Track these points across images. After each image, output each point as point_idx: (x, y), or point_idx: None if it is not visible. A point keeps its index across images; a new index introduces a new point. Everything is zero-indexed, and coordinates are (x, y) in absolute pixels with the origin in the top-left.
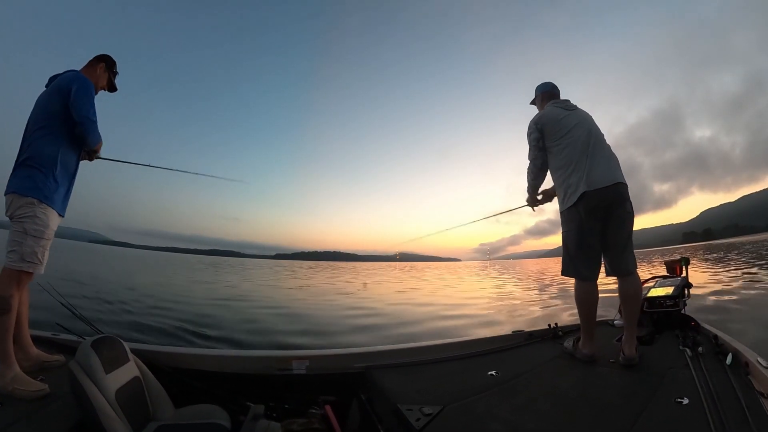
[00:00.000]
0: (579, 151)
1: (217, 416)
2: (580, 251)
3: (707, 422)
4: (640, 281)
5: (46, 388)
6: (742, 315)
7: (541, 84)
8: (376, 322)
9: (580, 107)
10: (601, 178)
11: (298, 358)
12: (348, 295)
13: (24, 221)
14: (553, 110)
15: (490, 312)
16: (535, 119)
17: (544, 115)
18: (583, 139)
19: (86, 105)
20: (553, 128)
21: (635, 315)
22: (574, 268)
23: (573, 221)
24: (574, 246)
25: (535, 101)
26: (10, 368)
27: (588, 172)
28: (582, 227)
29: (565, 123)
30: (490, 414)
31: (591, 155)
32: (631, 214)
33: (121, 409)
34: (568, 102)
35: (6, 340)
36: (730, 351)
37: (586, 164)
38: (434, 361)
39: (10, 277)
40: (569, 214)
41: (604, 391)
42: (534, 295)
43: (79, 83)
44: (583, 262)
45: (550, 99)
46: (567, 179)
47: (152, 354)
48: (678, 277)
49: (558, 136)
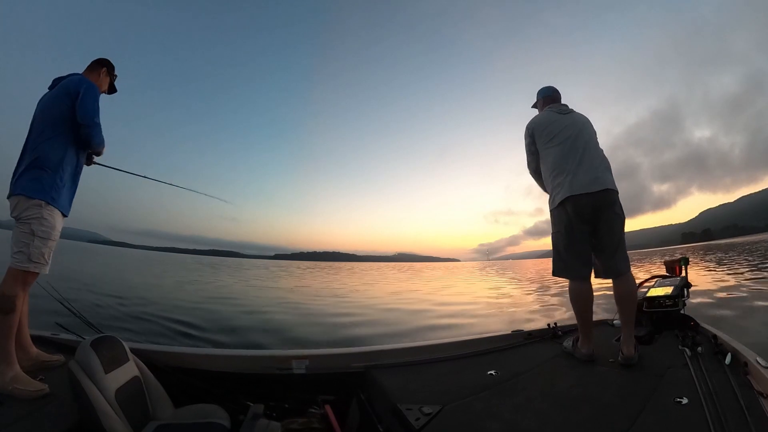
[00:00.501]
0: (566, 154)
1: (216, 416)
2: (570, 251)
3: (706, 422)
4: (634, 282)
5: (45, 388)
6: (741, 315)
7: (543, 88)
8: (368, 332)
9: (579, 109)
10: (588, 182)
11: (297, 357)
12: (338, 297)
13: (31, 222)
14: (546, 115)
15: (489, 312)
16: (528, 124)
17: (535, 120)
18: (571, 143)
19: (93, 108)
20: (542, 132)
21: (631, 315)
22: (565, 268)
23: (561, 222)
24: (563, 246)
25: (536, 105)
26: (10, 367)
27: (575, 175)
28: (570, 228)
29: (555, 127)
30: (489, 413)
31: (580, 159)
32: (621, 217)
33: (121, 408)
34: (564, 106)
35: (9, 339)
36: (729, 351)
37: (573, 167)
38: (433, 360)
39: (16, 277)
40: (557, 215)
41: (603, 390)
42: (533, 294)
43: (86, 87)
44: (573, 262)
45: (551, 103)
46: (553, 181)
47: (152, 353)
48: (677, 277)
49: (547, 139)
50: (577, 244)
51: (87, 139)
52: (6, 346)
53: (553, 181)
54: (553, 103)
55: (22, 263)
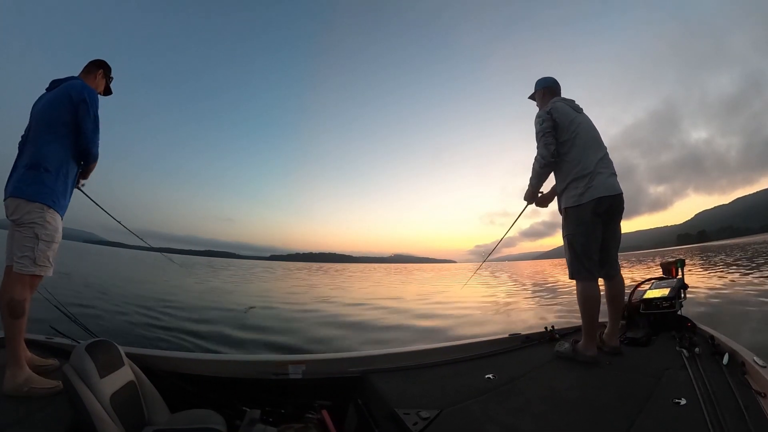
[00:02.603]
0: (590, 154)
1: (212, 421)
2: (589, 252)
3: (705, 422)
4: (624, 281)
5: (59, 384)
6: (737, 315)
7: (542, 78)
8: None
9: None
10: (612, 185)
11: (294, 362)
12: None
13: (34, 227)
14: (564, 107)
15: (486, 314)
16: (547, 109)
17: (557, 108)
18: (595, 144)
19: (94, 117)
20: (565, 123)
21: (621, 312)
22: (584, 268)
23: (583, 222)
24: (581, 247)
25: (534, 96)
26: (22, 369)
27: (601, 176)
28: (591, 228)
29: (576, 122)
30: (487, 417)
31: (603, 161)
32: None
33: (116, 413)
34: (576, 103)
35: (19, 343)
36: (726, 351)
37: (600, 167)
38: (431, 364)
39: (23, 282)
40: (578, 214)
41: (601, 392)
42: (530, 297)
43: (88, 94)
44: (592, 263)
45: (552, 95)
46: (576, 177)
47: (147, 358)
48: (674, 279)
49: (568, 132)
50: (594, 245)
51: (86, 146)
52: (16, 349)
53: (577, 178)
54: (555, 95)
55: (28, 267)
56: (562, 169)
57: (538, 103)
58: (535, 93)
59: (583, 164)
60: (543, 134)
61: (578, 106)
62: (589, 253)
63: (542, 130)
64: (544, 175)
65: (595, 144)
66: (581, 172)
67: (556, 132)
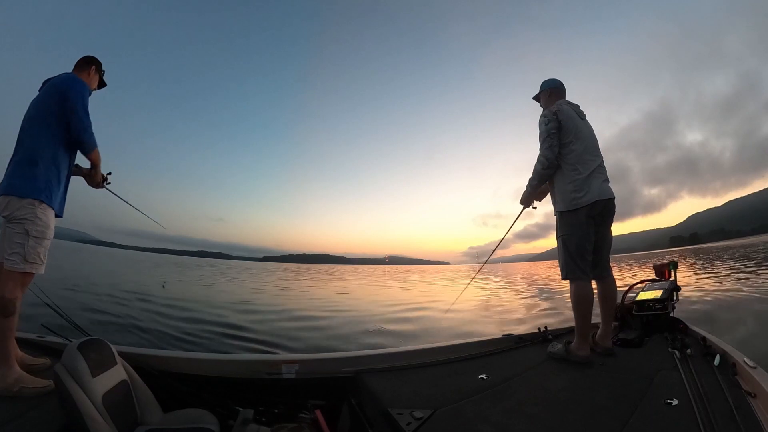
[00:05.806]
0: (588, 160)
1: (205, 421)
2: (583, 254)
3: (696, 422)
4: (615, 282)
5: (51, 384)
6: (729, 317)
7: (548, 80)
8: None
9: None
10: (606, 190)
11: (287, 362)
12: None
13: (24, 223)
14: (570, 111)
15: (481, 315)
16: (553, 110)
17: (563, 110)
18: (594, 151)
19: (81, 106)
20: (569, 126)
21: (612, 312)
22: (579, 269)
23: (578, 224)
24: (575, 247)
25: (539, 97)
26: (12, 369)
27: (598, 183)
28: (586, 230)
29: (580, 127)
30: (480, 417)
31: (599, 169)
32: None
33: (108, 413)
34: (580, 109)
35: (9, 342)
36: (718, 352)
37: (595, 174)
38: (425, 364)
39: (14, 279)
40: (573, 217)
41: (593, 393)
42: (524, 298)
43: (74, 84)
44: (585, 264)
45: (558, 97)
46: (573, 181)
47: (140, 357)
48: (667, 281)
49: (572, 135)
50: (588, 246)
51: (77, 138)
52: (7, 348)
53: (576, 181)
54: (561, 98)
55: (18, 264)
56: (561, 171)
57: (542, 104)
58: (540, 94)
59: (581, 169)
60: (548, 135)
61: (582, 113)
62: (584, 254)
63: (547, 130)
64: (546, 177)
65: (594, 151)
66: (579, 177)
67: (559, 134)
